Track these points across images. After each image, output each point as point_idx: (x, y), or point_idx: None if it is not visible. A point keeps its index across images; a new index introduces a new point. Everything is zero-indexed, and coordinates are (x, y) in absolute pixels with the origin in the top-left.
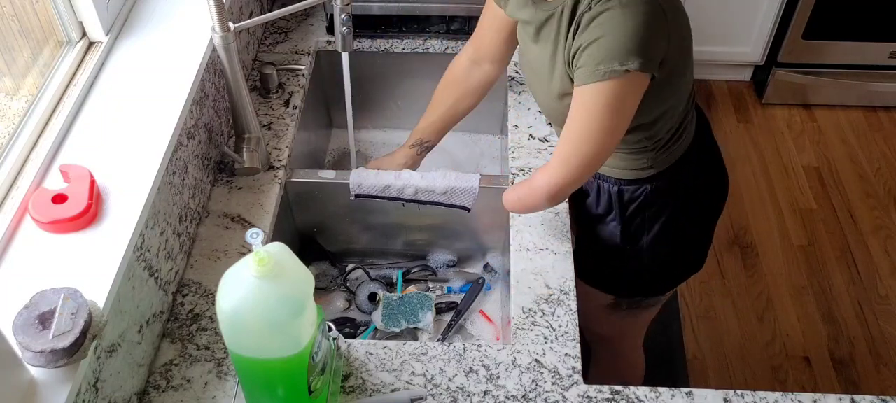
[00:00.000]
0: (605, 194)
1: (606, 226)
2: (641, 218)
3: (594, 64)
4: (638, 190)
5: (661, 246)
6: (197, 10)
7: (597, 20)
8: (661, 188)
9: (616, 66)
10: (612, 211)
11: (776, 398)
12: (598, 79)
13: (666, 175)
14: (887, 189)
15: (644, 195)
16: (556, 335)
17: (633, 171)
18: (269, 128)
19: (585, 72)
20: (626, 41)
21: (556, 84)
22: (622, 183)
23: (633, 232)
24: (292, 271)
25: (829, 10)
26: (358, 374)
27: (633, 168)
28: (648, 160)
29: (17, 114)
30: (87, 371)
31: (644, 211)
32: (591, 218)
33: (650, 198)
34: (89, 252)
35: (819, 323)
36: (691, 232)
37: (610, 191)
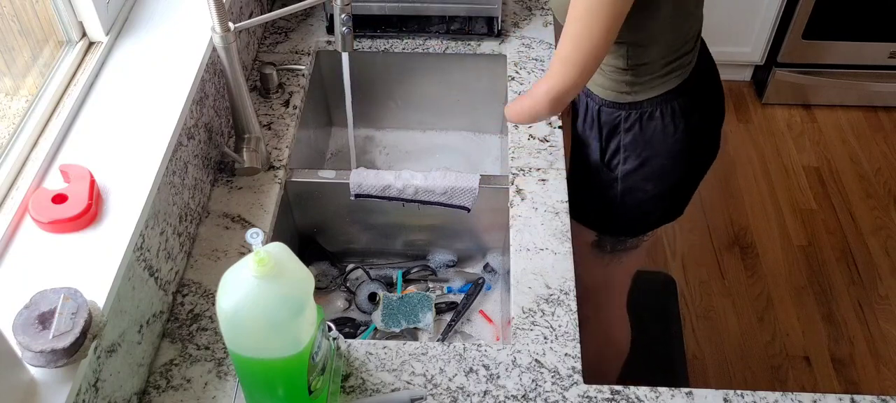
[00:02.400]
0: (589, 113)
1: (589, 148)
2: (616, 144)
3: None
4: (614, 113)
5: (637, 179)
6: (197, 9)
7: None
8: (635, 117)
9: None
10: (593, 130)
11: (776, 398)
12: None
13: (643, 106)
14: (887, 189)
15: (619, 119)
16: (556, 335)
17: (613, 93)
18: (269, 128)
19: None
20: None
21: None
22: (603, 103)
23: (609, 158)
24: (292, 271)
25: (829, 10)
26: (358, 374)
27: (613, 89)
28: (626, 84)
29: (17, 114)
30: (87, 371)
31: (619, 135)
32: (578, 138)
33: (624, 123)
34: (89, 252)
35: (819, 323)
36: (668, 179)
37: (592, 109)
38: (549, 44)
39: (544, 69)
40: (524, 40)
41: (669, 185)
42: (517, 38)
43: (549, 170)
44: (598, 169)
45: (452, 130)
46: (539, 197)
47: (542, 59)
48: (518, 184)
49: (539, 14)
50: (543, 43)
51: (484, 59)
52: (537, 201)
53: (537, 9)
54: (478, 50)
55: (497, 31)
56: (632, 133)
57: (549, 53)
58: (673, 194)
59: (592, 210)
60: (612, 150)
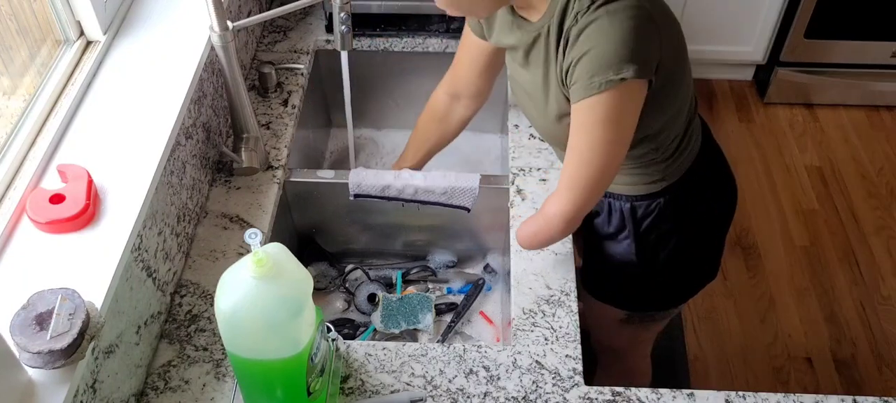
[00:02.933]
0: (617, 213)
1: (619, 245)
2: (657, 234)
3: (588, 77)
4: (651, 204)
5: (679, 259)
6: (195, 8)
7: (585, 32)
8: (675, 200)
9: (611, 76)
10: (625, 229)
11: (778, 399)
12: (595, 91)
13: (678, 186)
14: (890, 189)
15: (658, 209)
16: (557, 336)
17: (646, 186)
18: (268, 128)
19: (580, 86)
20: (617, 49)
21: (552, 106)
22: (635, 199)
23: (650, 248)
24: (291, 272)
25: (831, 9)
26: (357, 375)
27: (644, 182)
28: (659, 172)
29: (15, 113)
30: (84, 372)
31: (660, 225)
32: (601, 236)
33: (664, 211)
34: (87, 252)
35: (821, 323)
36: (706, 242)
37: (622, 209)
38: None
39: None
40: None
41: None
42: None
43: (549, 170)
44: (634, 263)
45: None
46: (539, 197)
47: None
48: (518, 184)
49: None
50: None
51: None
52: (537, 201)
53: None
54: None
55: None
56: (672, 217)
57: None
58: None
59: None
60: (653, 241)
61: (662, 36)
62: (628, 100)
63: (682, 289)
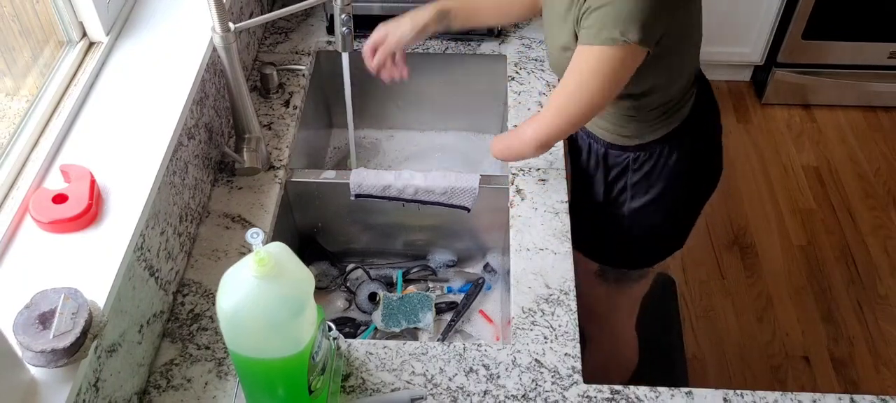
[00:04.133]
0: (594, 154)
1: (593, 185)
2: (624, 184)
3: (598, 28)
4: (621, 155)
5: (644, 216)
6: (197, 10)
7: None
8: (644, 159)
9: (617, 35)
10: (598, 170)
11: (776, 397)
12: (598, 43)
13: (650, 148)
14: (887, 189)
15: (626, 162)
16: (556, 335)
17: (619, 137)
18: (270, 128)
19: (588, 33)
20: (631, 12)
21: (562, 35)
22: (608, 146)
23: (615, 196)
24: (292, 271)
25: (828, 10)
26: (358, 374)
27: (618, 133)
28: (634, 130)
29: (18, 114)
30: (87, 370)
31: (625, 176)
32: (582, 174)
33: (632, 164)
34: (90, 252)
35: (818, 322)
36: (674, 210)
37: (597, 151)
38: None
39: (544, 69)
40: (524, 41)
41: (675, 216)
42: (517, 39)
43: (549, 170)
44: (603, 205)
45: (452, 130)
46: (539, 197)
47: (542, 59)
48: (518, 184)
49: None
50: (543, 43)
51: (484, 59)
52: (537, 201)
53: None
54: (478, 50)
55: (497, 31)
56: (640, 172)
57: None
58: (678, 225)
59: (597, 244)
60: (619, 189)
61: (678, 9)
62: (623, 61)
63: (646, 251)
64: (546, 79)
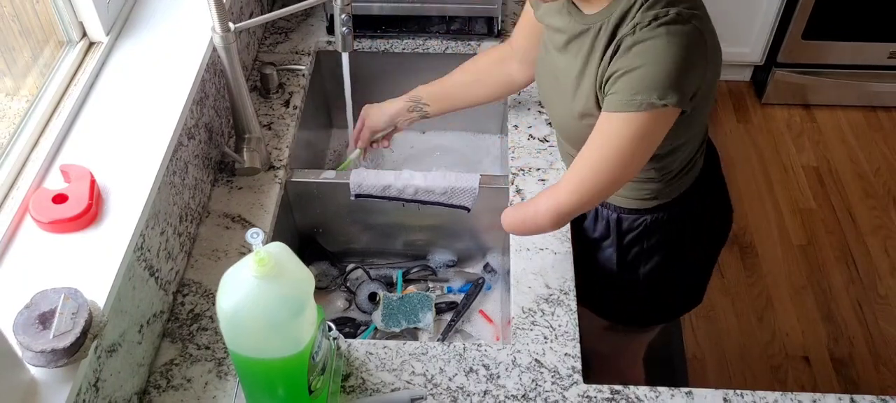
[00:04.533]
0: (603, 220)
1: (603, 252)
2: (639, 249)
3: (631, 93)
4: (637, 220)
5: (659, 278)
6: (197, 10)
7: (639, 47)
8: (662, 220)
9: (654, 100)
10: (609, 238)
11: (776, 397)
12: (634, 109)
13: (667, 208)
14: (887, 189)
15: (643, 226)
16: (556, 334)
17: (636, 201)
18: (270, 128)
19: (619, 99)
20: (667, 74)
21: (579, 102)
22: (622, 211)
23: (630, 261)
24: (292, 271)
25: (828, 10)
26: (358, 374)
27: (636, 197)
28: (653, 191)
29: (18, 114)
30: (87, 370)
31: (642, 241)
32: (587, 240)
33: (649, 229)
34: (90, 252)
35: (818, 322)
36: (691, 267)
37: (608, 217)
38: None
39: None
40: None
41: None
42: None
43: (548, 170)
44: (615, 272)
45: (452, 130)
46: None
47: None
48: (518, 184)
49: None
50: None
51: None
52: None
53: None
54: (478, 50)
55: (497, 31)
56: (657, 236)
57: None
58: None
59: (609, 305)
60: (634, 255)
61: (708, 65)
62: (661, 125)
63: (662, 309)
64: None
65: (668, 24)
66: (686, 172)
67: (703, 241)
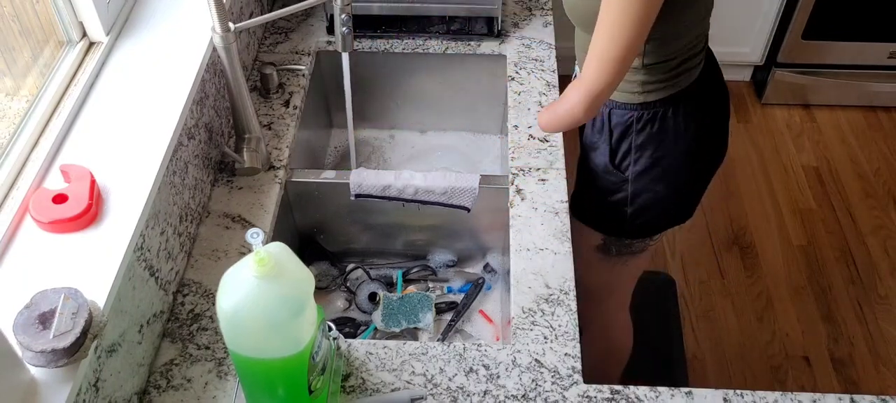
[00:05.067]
0: (600, 117)
1: (597, 151)
2: (628, 146)
3: None
4: (625, 114)
5: (648, 181)
6: (197, 10)
7: None
8: (647, 117)
9: None
10: (602, 134)
11: (776, 397)
12: None
13: (655, 105)
14: (887, 189)
15: (630, 121)
16: (556, 334)
17: (625, 94)
18: (270, 128)
19: None
20: None
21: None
22: (614, 106)
23: (620, 159)
24: (292, 271)
25: (828, 10)
26: (358, 374)
27: (625, 90)
28: (638, 84)
29: (18, 114)
30: (87, 370)
31: (630, 136)
32: (586, 145)
33: (636, 124)
34: (90, 252)
35: (818, 322)
36: (679, 180)
37: (602, 113)
38: (549, 44)
39: (544, 69)
40: (524, 40)
41: (679, 186)
42: (517, 39)
43: (549, 170)
44: (606, 171)
45: (452, 130)
46: (539, 197)
47: (542, 59)
48: (518, 184)
49: (539, 14)
50: (543, 43)
51: (484, 60)
52: (537, 201)
53: (537, 9)
54: (478, 50)
55: (497, 31)
56: (644, 133)
57: (549, 54)
58: (682, 195)
59: (600, 213)
60: (623, 152)
61: None
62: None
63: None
64: (546, 80)
65: None
66: (674, 74)
67: (692, 156)
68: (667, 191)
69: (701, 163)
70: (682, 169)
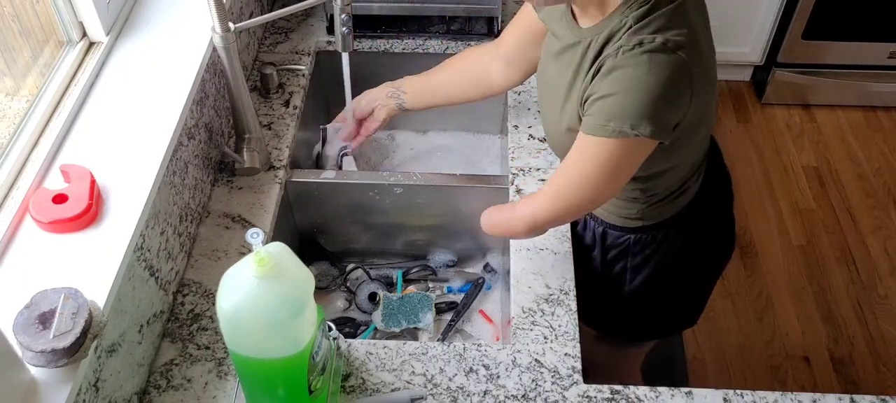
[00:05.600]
0: (590, 230)
1: (592, 262)
2: (623, 265)
3: (604, 119)
4: (620, 237)
5: (645, 297)
6: (197, 10)
7: (618, 73)
8: (647, 241)
9: (626, 129)
10: (595, 249)
11: (776, 398)
12: (606, 135)
13: (654, 229)
14: (887, 189)
15: (627, 244)
16: (556, 334)
17: (621, 219)
18: (270, 128)
19: (594, 122)
20: (642, 105)
21: (566, 116)
22: (607, 225)
23: (615, 276)
24: (292, 271)
25: (828, 10)
26: (358, 374)
27: (620, 215)
28: (638, 212)
29: (18, 114)
30: (87, 370)
31: (626, 258)
32: (579, 246)
33: (633, 247)
34: (90, 252)
35: (818, 322)
36: (683, 289)
37: (594, 229)
38: None
39: None
40: None
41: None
42: None
43: (548, 170)
44: (603, 282)
45: (452, 130)
46: None
47: None
48: (518, 184)
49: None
50: None
51: None
52: None
53: None
54: None
55: (497, 31)
56: (640, 255)
57: None
58: (688, 303)
59: (597, 314)
60: (619, 270)
61: (693, 95)
62: (634, 154)
63: (650, 327)
64: None
65: (651, 52)
66: (675, 197)
67: (697, 265)
68: (669, 302)
69: (709, 269)
70: (685, 280)
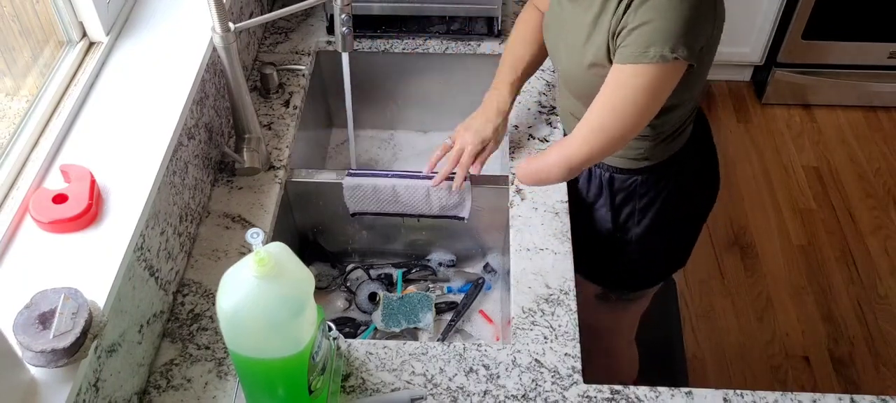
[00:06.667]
0: (596, 179)
1: (597, 213)
2: (631, 208)
3: (644, 46)
4: (628, 179)
5: (651, 239)
6: (197, 10)
7: (653, 1)
8: (651, 181)
9: (666, 52)
10: (601, 197)
11: (776, 397)
12: (646, 61)
13: (658, 168)
14: (887, 189)
15: (634, 185)
16: (556, 334)
17: (628, 161)
18: (270, 128)
19: (631, 51)
20: (679, 28)
21: (589, 52)
22: (615, 170)
23: (623, 222)
24: (292, 271)
25: (828, 10)
26: (358, 374)
27: (628, 157)
28: (645, 151)
29: (18, 114)
30: (87, 370)
31: (633, 200)
32: (581, 203)
33: (640, 189)
34: (90, 252)
35: (818, 322)
36: (679, 230)
37: (601, 177)
38: None
39: (544, 69)
40: None
41: (679, 238)
42: None
43: None
44: (608, 233)
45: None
46: (539, 197)
47: None
48: (518, 184)
49: None
50: None
51: (484, 59)
52: (537, 201)
53: None
54: (478, 50)
55: (497, 31)
56: (647, 197)
57: None
58: (681, 246)
59: (601, 269)
60: (626, 214)
61: (716, 19)
62: (670, 77)
63: (652, 271)
64: (546, 80)
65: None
66: (677, 135)
67: (690, 205)
68: (668, 245)
69: (698, 212)
70: (682, 222)
